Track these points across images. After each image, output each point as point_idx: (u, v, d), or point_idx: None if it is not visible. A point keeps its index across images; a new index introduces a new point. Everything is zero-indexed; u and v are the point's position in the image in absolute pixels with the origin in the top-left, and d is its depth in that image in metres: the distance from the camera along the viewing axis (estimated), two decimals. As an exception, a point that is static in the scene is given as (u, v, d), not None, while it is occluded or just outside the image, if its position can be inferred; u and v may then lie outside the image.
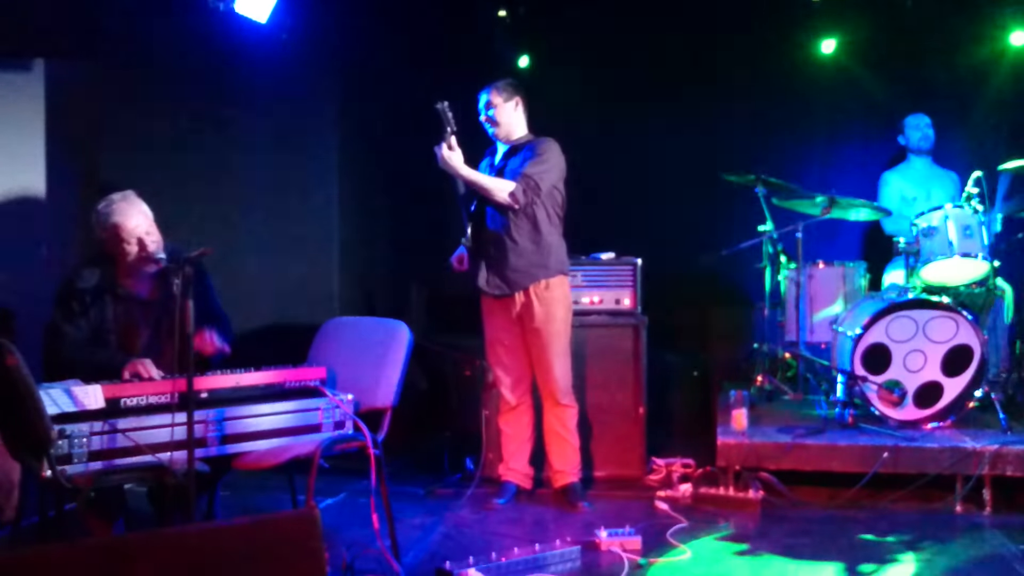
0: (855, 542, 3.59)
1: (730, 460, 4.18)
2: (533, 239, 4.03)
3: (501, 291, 4.06)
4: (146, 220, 3.32)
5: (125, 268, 3.31)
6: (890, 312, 4.37)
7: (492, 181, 3.95)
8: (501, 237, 4.02)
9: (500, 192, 3.91)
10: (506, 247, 4.01)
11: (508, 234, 4.01)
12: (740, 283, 5.90)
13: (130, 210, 3.30)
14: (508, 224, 4.00)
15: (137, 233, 3.27)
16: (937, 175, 5.37)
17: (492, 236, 4.04)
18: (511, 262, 4.02)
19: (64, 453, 2.72)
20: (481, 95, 4.09)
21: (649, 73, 5.99)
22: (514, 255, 4.02)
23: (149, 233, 3.30)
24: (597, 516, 3.94)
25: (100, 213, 3.31)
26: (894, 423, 4.37)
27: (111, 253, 3.32)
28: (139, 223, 3.29)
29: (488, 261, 4.07)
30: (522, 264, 4.02)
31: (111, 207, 3.30)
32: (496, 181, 3.95)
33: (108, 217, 3.28)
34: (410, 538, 3.65)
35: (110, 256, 3.33)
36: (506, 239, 4.01)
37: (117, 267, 3.33)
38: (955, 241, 4.45)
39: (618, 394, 4.57)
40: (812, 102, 5.92)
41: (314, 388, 3.28)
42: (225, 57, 4.89)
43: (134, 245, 3.27)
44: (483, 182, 3.93)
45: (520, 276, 4.03)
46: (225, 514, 3.50)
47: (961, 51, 5.67)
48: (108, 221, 3.28)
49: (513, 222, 3.99)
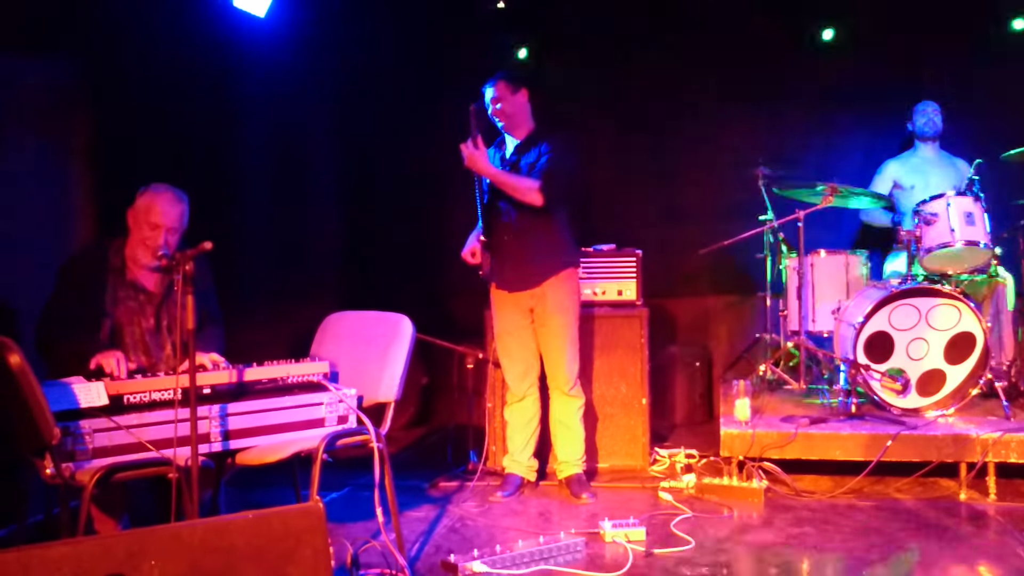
0: (859, 531, 3.59)
1: (733, 450, 4.18)
2: (549, 234, 4.05)
3: (517, 286, 4.06)
4: (178, 219, 3.29)
5: (136, 255, 3.30)
6: (892, 300, 4.36)
7: (519, 180, 3.94)
8: (518, 232, 4.02)
9: (527, 192, 3.91)
10: (523, 242, 4.02)
11: (525, 229, 4.01)
12: (742, 273, 5.89)
13: (172, 201, 3.28)
14: (526, 220, 3.99)
15: (163, 221, 3.24)
16: (941, 163, 5.33)
17: (508, 231, 4.04)
18: (528, 257, 4.03)
19: (68, 450, 2.72)
20: (488, 87, 4.04)
21: (648, 62, 5.98)
22: (531, 250, 4.02)
23: (172, 231, 3.27)
24: (601, 507, 3.94)
25: (144, 189, 3.31)
26: (897, 411, 4.37)
27: (131, 233, 3.30)
28: (170, 215, 3.26)
29: (503, 256, 4.06)
30: (539, 258, 4.03)
31: (157, 187, 3.30)
32: (522, 180, 3.93)
33: (148, 193, 3.28)
34: (414, 531, 3.66)
35: (126, 240, 3.32)
36: (523, 234, 4.01)
37: (128, 252, 3.31)
38: (957, 229, 4.44)
39: (621, 385, 4.58)
40: (812, 90, 5.89)
41: (317, 383, 3.28)
42: (223, 51, 4.88)
43: (153, 231, 3.24)
44: (510, 181, 3.93)
45: (538, 270, 4.04)
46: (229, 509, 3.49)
47: (963, 38, 5.64)
48: (145, 197, 3.28)
49: (530, 218, 3.99)
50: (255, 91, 5.20)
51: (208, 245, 2.82)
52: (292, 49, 5.38)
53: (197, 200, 3.47)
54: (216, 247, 2.84)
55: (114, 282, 3.30)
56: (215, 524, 2.16)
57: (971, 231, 4.44)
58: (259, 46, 5.09)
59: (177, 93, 4.51)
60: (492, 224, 4.07)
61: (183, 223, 3.32)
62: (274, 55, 5.25)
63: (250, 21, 4.88)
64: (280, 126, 5.51)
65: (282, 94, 5.44)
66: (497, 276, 4.10)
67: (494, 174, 3.93)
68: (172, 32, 4.46)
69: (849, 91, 5.85)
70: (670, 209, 6.01)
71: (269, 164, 5.47)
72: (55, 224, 4.13)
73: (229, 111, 5.05)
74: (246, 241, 5.20)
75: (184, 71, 4.55)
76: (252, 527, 2.17)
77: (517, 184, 3.93)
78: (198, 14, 4.65)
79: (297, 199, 5.67)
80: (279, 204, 5.53)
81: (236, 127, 5.14)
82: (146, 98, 4.37)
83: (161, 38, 4.41)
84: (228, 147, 5.08)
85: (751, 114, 5.87)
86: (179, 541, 2.07)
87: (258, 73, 5.19)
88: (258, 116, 5.29)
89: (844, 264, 5.10)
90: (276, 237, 5.51)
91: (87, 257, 3.34)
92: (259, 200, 5.36)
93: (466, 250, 4.17)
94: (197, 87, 4.66)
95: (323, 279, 5.93)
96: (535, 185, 3.90)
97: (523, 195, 3.92)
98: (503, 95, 4.01)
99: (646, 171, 6.04)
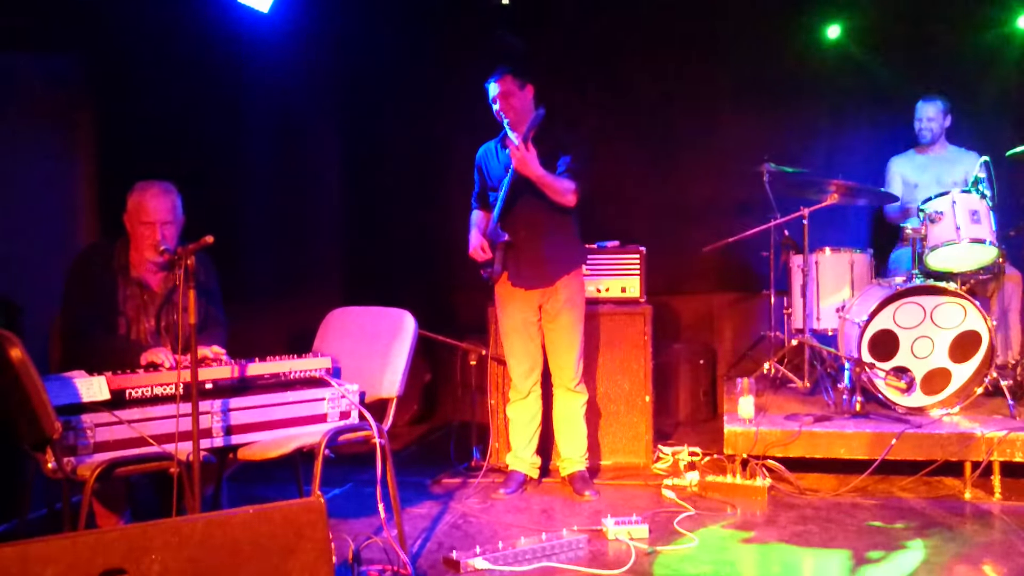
0: (863, 529, 3.58)
1: (737, 448, 4.17)
2: (565, 231, 4.07)
3: (534, 283, 4.05)
4: (170, 212, 3.29)
5: (138, 252, 3.31)
6: (897, 298, 4.34)
7: (559, 181, 3.92)
8: (537, 230, 4.01)
9: (565, 193, 3.92)
10: (542, 240, 4.02)
11: (545, 227, 4.01)
12: (746, 271, 5.88)
13: (159, 195, 3.29)
14: (546, 218, 3.99)
15: (155, 218, 3.25)
16: (948, 158, 5.27)
17: (527, 229, 4.02)
18: (546, 254, 4.02)
19: (69, 445, 2.71)
20: (492, 83, 3.99)
21: (652, 60, 5.96)
22: (549, 247, 4.02)
23: (167, 224, 3.27)
24: (604, 505, 3.94)
25: (132, 189, 3.32)
26: (902, 409, 4.35)
27: (131, 237, 3.32)
28: (160, 209, 3.26)
29: (520, 253, 4.05)
30: (556, 256, 4.04)
31: (143, 185, 3.32)
32: (561, 181, 3.92)
33: (135, 193, 3.31)
34: (417, 528, 3.65)
35: (127, 238, 3.34)
36: (542, 232, 4.01)
37: (131, 250, 3.33)
38: (962, 226, 4.41)
39: (624, 382, 4.57)
40: (818, 88, 5.88)
41: (319, 378, 3.27)
42: (227, 47, 4.87)
43: (148, 229, 3.25)
44: (553, 183, 3.91)
45: (554, 267, 4.04)
46: (232, 505, 3.50)
47: (968, 35, 5.62)
48: (132, 198, 3.30)
49: (550, 216, 3.99)
50: (258, 87, 5.20)
51: (210, 239, 2.81)
52: (295, 45, 5.37)
53: (200, 196, 3.47)
54: (219, 243, 2.83)
55: (122, 280, 3.32)
56: (216, 519, 2.16)
57: (977, 229, 4.41)
58: (262, 42, 5.08)
59: (181, 90, 4.51)
60: (512, 221, 4.04)
61: (177, 215, 3.32)
62: (277, 51, 5.24)
63: (253, 17, 4.87)
64: (283, 121, 5.50)
65: (285, 90, 5.44)
66: (513, 273, 4.08)
67: (540, 175, 3.87)
68: (176, 28, 4.45)
69: (855, 88, 5.83)
70: (674, 206, 5.99)
71: (272, 160, 5.46)
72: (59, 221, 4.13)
73: (232, 107, 5.05)
74: (249, 237, 5.20)
75: (188, 67, 4.54)
76: (253, 522, 2.17)
77: (557, 186, 3.92)
78: (202, 10, 4.65)
79: (300, 195, 5.66)
80: (282, 200, 5.52)
81: (239, 123, 5.14)
82: (150, 95, 4.37)
83: (165, 35, 4.40)
84: (232, 143, 5.07)
85: (756, 111, 5.84)
86: (179, 536, 2.07)
87: (261, 69, 5.19)
88: (261, 112, 5.28)
89: (849, 262, 5.07)
90: (279, 233, 5.51)
91: (96, 255, 3.36)
92: (262, 196, 5.36)
93: (474, 247, 4.10)
94: (201, 83, 4.65)
95: (326, 275, 5.93)
96: (572, 187, 3.92)
97: (560, 196, 3.93)
98: (510, 90, 3.97)
99: (650, 168, 6.02)
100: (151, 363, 3.11)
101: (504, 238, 4.02)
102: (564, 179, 3.94)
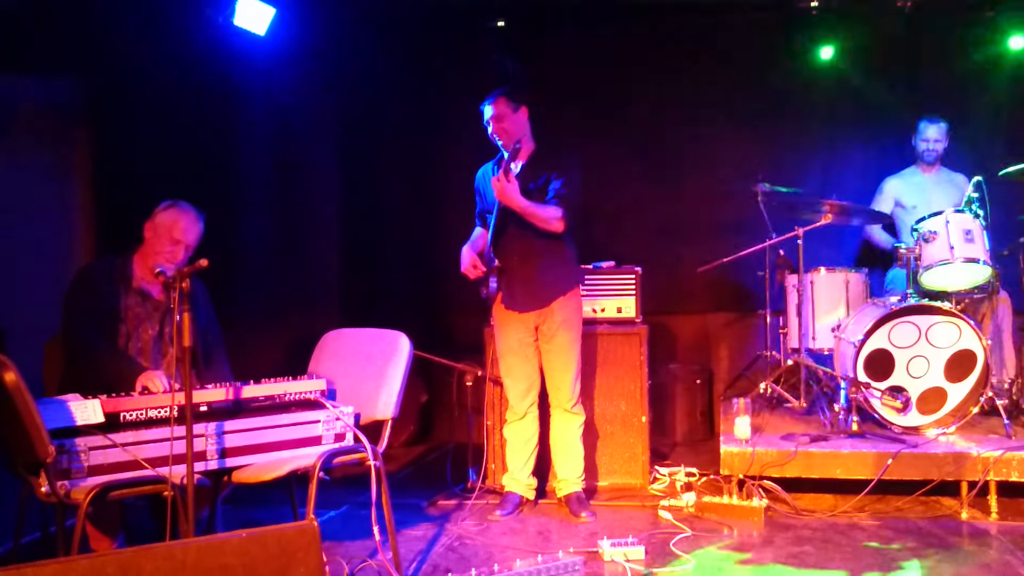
0: (860, 550, 3.57)
1: (733, 468, 4.16)
2: (559, 254, 4.07)
3: (528, 305, 4.05)
4: (197, 239, 3.39)
5: (146, 266, 3.35)
6: (892, 318, 4.35)
7: (543, 210, 3.93)
8: (530, 254, 4.02)
9: (551, 220, 3.93)
10: (535, 263, 4.03)
11: (537, 251, 4.01)
12: (742, 291, 5.89)
13: (196, 221, 3.40)
14: (537, 242, 4.00)
15: (187, 239, 3.34)
16: (942, 181, 5.29)
17: (520, 253, 4.03)
18: (538, 278, 4.03)
19: (63, 468, 2.71)
20: (486, 105, 4.02)
21: (648, 80, 6.00)
22: (541, 271, 4.03)
23: (189, 248, 3.37)
24: (600, 526, 3.92)
25: (167, 202, 3.40)
26: (898, 429, 4.35)
27: (144, 244, 3.37)
28: (193, 232, 3.37)
29: (514, 277, 4.06)
30: (549, 279, 4.04)
31: (182, 205, 3.40)
32: (547, 209, 3.93)
33: (172, 210, 3.38)
34: (412, 550, 3.64)
35: (135, 251, 3.39)
36: (535, 256, 4.02)
37: (137, 263, 3.38)
38: (956, 246, 4.43)
39: (620, 403, 4.57)
40: (811, 108, 5.91)
41: (314, 400, 3.27)
42: (224, 69, 4.90)
43: (175, 247, 3.33)
44: (538, 212, 3.92)
45: (548, 290, 4.04)
46: (226, 528, 3.48)
47: (960, 56, 5.67)
48: (168, 214, 3.37)
49: (542, 240, 3.99)
50: (256, 109, 5.23)
51: (204, 263, 2.82)
52: (292, 68, 5.40)
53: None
54: (216, 264, 2.85)
55: (123, 290, 3.36)
56: (209, 543, 2.15)
57: (970, 248, 4.43)
58: (259, 65, 5.11)
59: (178, 111, 4.53)
60: (504, 246, 4.05)
61: (198, 243, 3.41)
62: (274, 74, 5.28)
63: (251, 40, 4.91)
64: (280, 143, 5.53)
65: (282, 112, 5.47)
66: (507, 297, 4.09)
67: (524, 207, 3.89)
68: (174, 51, 4.49)
69: (849, 109, 5.87)
70: (669, 226, 6.02)
71: (270, 181, 5.48)
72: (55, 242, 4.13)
73: (229, 129, 5.07)
74: (246, 258, 5.21)
75: (185, 89, 4.57)
76: (246, 546, 2.16)
77: (543, 214, 3.93)
78: (199, 33, 4.68)
79: (296, 216, 5.68)
80: (278, 221, 5.54)
81: (237, 144, 5.16)
82: (147, 116, 4.39)
83: (163, 57, 4.43)
84: (229, 164, 5.09)
85: (751, 131, 5.88)
86: (172, 560, 2.06)
87: (258, 91, 5.22)
88: (258, 133, 5.31)
89: (844, 282, 5.08)
90: (275, 254, 5.52)
91: (97, 268, 3.40)
92: (260, 216, 5.38)
93: (466, 264, 4.09)
94: (198, 105, 4.68)
95: (321, 296, 5.93)
96: (559, 214, 3.93)
97: (546, 224, 3.94)
98: (504, 112, 3.99)
99: (646, 188, 6.04)
100: (145, 388, 3.11)
101: (495, 264, 4.03)
102: (550, 206, 3.94)
